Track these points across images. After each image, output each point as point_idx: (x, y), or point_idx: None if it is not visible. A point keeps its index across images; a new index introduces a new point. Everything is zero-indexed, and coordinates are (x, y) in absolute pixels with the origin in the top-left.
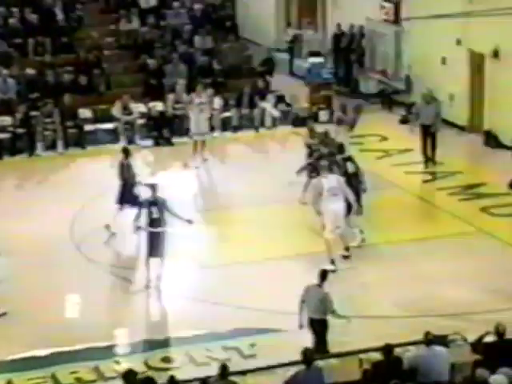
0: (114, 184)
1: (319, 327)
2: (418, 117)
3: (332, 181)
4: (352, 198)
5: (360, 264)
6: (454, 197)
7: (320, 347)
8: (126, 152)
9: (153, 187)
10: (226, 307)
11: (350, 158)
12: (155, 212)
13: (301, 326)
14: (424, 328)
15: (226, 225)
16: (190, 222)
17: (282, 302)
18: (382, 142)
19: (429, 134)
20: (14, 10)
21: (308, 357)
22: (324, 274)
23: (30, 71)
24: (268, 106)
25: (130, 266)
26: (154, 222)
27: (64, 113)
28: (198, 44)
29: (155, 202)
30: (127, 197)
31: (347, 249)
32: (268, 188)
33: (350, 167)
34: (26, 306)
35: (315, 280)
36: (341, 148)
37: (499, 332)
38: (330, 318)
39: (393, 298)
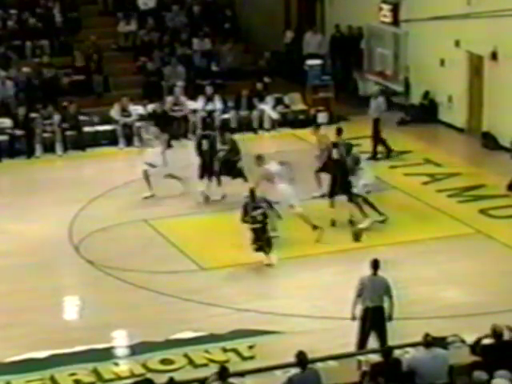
0: (113, 185)
1: (382, 315)
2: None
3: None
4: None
5: (358, 266)
6: (452, 198)
7: (384, 335)
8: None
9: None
10: (225, 309)
11: (335, 145)
12: None
13: (354, 318)
14: (423, 330)
15: (226, 226)
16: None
17: (280, 304)
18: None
19: (378, 127)
20: (13, 12)
21: (302, 359)
22: (377, 263)
23: (29, 73)
24: (267, 107)
25: (129, 268)
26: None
27: (65, 116)
28: (196, 46)
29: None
30: (208, 170)
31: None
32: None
33: (335, 153)
34: (25, 307)
35: (313, 280)
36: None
37: (497, 334)
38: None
39: None
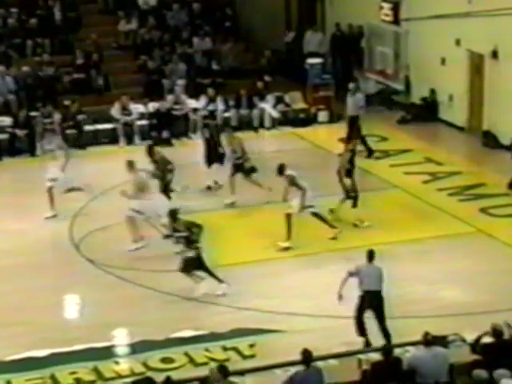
0: (114, 184)
1: (380, 299)
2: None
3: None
4: None
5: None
6: (453, 197)
7: (382, 318)
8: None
9: None
10: (226, 308)
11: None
12: None
13: (341, 297)
14: (423, 329)
15: (225, 225)
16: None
17: (280, 303)
18: (382, 143)
19: (354, 124)
20: (13, 10)
21: (307, 357)
22: (372, 254)
23: (29, 72)
24: (267, 106)
25: (130, 267)
26: None
27: (66, 115)
28: (196, 45)
29: None
30: (213, 156)
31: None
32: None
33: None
34: (25, 306)
35: (314, 279)
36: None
37: (497, 332)
38: None
39: (392, 299)
